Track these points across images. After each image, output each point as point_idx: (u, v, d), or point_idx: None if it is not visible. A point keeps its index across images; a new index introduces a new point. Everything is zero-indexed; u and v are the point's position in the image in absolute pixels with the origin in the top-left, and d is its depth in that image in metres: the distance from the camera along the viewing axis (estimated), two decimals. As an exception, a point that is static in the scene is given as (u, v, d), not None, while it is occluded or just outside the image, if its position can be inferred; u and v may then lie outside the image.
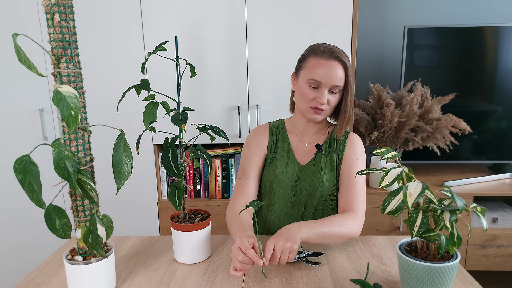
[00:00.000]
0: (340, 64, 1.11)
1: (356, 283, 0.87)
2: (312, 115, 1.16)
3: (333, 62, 1.11)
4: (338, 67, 1.11)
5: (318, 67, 1.11)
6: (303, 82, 1.15)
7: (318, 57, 1.12)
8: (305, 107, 1.16)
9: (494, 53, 2.06)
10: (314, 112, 1.15)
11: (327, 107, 1.14)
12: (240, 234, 1.01)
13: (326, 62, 1.11)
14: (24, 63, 0.71)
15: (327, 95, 1.12)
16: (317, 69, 1.11)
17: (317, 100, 1.13)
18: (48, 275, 0.99)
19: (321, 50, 1.13)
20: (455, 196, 0.76)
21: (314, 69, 1.12)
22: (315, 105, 1.14)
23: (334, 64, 1.11)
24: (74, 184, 0.75)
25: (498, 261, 1.99)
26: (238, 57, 1.88)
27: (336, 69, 1.11)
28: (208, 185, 2.02)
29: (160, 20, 1.85)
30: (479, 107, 2.12)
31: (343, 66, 1.12)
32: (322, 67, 1.11)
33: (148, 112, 0.94)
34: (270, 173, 1.24)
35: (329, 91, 1.13)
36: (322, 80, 1.11)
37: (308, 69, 1.14)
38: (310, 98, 1.14)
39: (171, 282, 0.95)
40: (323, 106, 1.13)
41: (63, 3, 0.77)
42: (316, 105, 1.13)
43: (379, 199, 1.97)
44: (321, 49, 1.13)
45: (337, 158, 1.23)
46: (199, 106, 1.93)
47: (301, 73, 1.16)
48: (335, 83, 1.11)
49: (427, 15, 2.31)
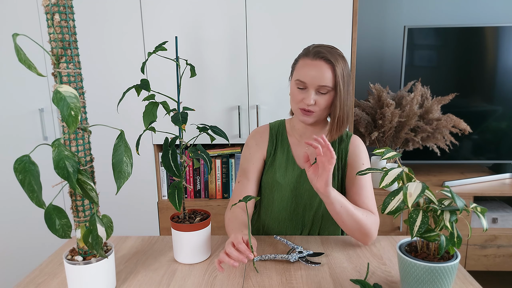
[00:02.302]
0: (327, 63, 1.08)
1: (356, 283, 0.87)
2: (301, 117, 1.14)
3: (318, 62, 1.09)
4: (324, 67, 1.08)
5: (304, 67, 1.11)
6: (293, 83, 1.15)
7: (305, 57, 1.12)
8: (295, 108, 1.15)
9: (494, 53, 2.06)
10: (302, 113, 1.13)
11: (316, 109, 1.11)
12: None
13: (311, 62, 1.10)
14: (24, 63, 0.71)
15: (315, 96, 1.10)
16: (302, 70, 1.11)
17: (303, 101, 1.11)
18: (48, 275, 0.99)
19: (310, 50, 1.12)
20: (455, 196, 0.76)
21: (300, 69, 1.11)
22: (302, 106, 1.12)
23: (319, 64, 1.08)
24: (74, 184, 0.75)
25: (498, 261, 1.99)
26: (238, 57, 1.88)
27: (321, 69, 1.08)
28: (208, 185, 2.02)
29: (160, 20, 1.85)
30: (479, 107, 2.12)
31: (330, 65, 1.09)
32: (308, 67, 1.10)
33: (148, 112, 0.94)
34: (269, 177, 1.23)
35: (318, 92, 1.11)
36: (307, 80, 1.09)
37: (297, 70, 1.13)
38: (298, 100, 1.12)
39: (171, 282, 0.95)
40: (311, 107, 1.11)
41: (63, 3, 0.77)
42: (304, 107, 1.11)
43: (379, 199, 1.97)
44: (310, 49, 1.12)
45: (339, 163, 1.21)
46: (199, 106, 1.93)
47: (293, 75, 1.16)
48: (321, 83, 1.08)
49: (427, 15, 2.31)
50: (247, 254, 0.89)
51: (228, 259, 0.90)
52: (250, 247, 0.92)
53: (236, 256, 0.89)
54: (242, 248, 0.90)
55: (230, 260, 0.89)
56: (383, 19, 2.32)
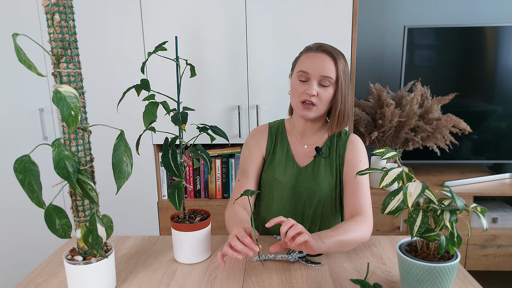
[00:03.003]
0: (329, 56, 1.11)
1: (356, 283, 0.87)
2: (302, 111, 1.14)
3: (321, 55, 1.12)
4: (327, 59, 1.11)
5: (307, 59, 1.13)
6: (294, 77, 1.16)
7: (308, 51, 1.15)
8: (295, 102, 1.15)
9: (494, 53, 2.06)
10: (304, 107, 1.13)
11: (317, 101, 1.12)
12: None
13: (314, 54, 1.13)
14: (24, 63, 0.71)
15: (317, 87, 1.11)
16: (305, 61, 1.13)
17: (305, 92, 1.12)
18: (48, 275, 0.99)
19: (312, 46, 1.15)
20: (455, 196, 0.76)
21: (303, 62, 1.14)
22: (304, 98, 1.12)
23: (322, 56, 1.11)
24: (74, 184, 0.75)
25: (498, 261, 1.99)
26: (238, 57, 1.88)
27: (324, 59, 1.11)
28: (208, 185, 2.02)
29: (160, 20, 1.85)
30: (479, 107, 2.12)
31: (332, 58, 1.11)
32: (310, 58, 1.12)
33: (148, 112, 0.94)
34: (268, 175, 1.23)
35: (320, 85, 1.12)
36: (310, 70, 1.11)
37: (298, 64, 1.16)
38: (299, 92, 1.13)
39: (171, 282, 0.95)
40: (313, 99, 1.11)
41: (63, 3, 0.77)
42: (306, 98, 1.12)
43: (379, 199, 1.97)
44: (312, 45, 1.16)
45: (337, 161, 1.21)
46: (199, 106, 1.93)
47: (294, 70, 1.18)
48: (324, 74, 1.10)
49: (427, 15, 2.31)
50: (252, 247, 0.89)
51: (232, 252, 0.90)
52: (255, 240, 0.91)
53: (241, 249, 0.89)
54: (247, 241, 0.90)
55: (234, 253, 0.89)
56: (383, 19, 2.32)
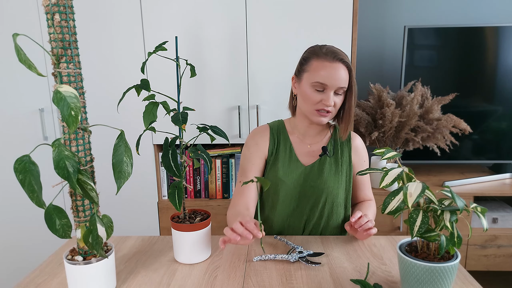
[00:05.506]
0: (344, 65, 1.12)
1: (356, 283, 0.87)
2: (317, 118, 1.16)
3: (337, 64, 1.11)
4: (343, 69, 1.12)
5: (323, 70, 1.11)
6: (307, 85, 1.14)
7: (322, 59, 1.12)
8: (310, 110, 1.16)
9: (494, 53, 2.06)
10: (319, 114, 1.15)
11: (333, 109, 1.15)
12: None
13: (331, 64, 1.11)
14: (24, 63, 0.71)
15: (333, 97, 1.13)
16: (321, 72, 1.11)
17: (322, 102, 1.13)
18: (48, 275, 0.98)
19: (324, 52, 1.13)
20: (455, 196, 0.76)
21: (318, 71, 1.12)
22: (321, 107, 1.14)
23: (338, 66, 1.11)
24: (74, 184, 0.75)
25: (498, 261, 1.99)
26: (238, 57, 1.88)
27: (340, 70, 1.11)
28: (208, 185, 2.02)
29: (160, 20, 1.85)
30: (479, 107, 2.12)
31: (347, 68, 1.13)
32: (327, 69, 1.11)
33: (148, 112, 0.94)
34: (272, 175, 1.23)
35: (334, 93, 1.14)
36: (328, 82, 1.11)
37: (311, 72, 1.13)
38: (315, 101, 1.14)
39: (171, 282, 0.95)
40: (329, 108, 1.14)
41: (63, 3, 0.77)
42: (322, 107, 1.14)
43: (379, 199, 1.97)
44: (323, 51, 1.13)
45: (342, 160, 1.24)
46: (199, 106, 1.93)
47: (304, 76, 1.16)
48: (340, 85, 1.12)
49: (427, 15, 2.31)
50: (255, 232, 0.89)
51: (230, 233, 0.90)
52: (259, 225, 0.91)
53: (241, 232, 0.89)
54: (251, 226, 0.90)
55: (233, 234, 0.90)
56: (383, 19, 2.32)
